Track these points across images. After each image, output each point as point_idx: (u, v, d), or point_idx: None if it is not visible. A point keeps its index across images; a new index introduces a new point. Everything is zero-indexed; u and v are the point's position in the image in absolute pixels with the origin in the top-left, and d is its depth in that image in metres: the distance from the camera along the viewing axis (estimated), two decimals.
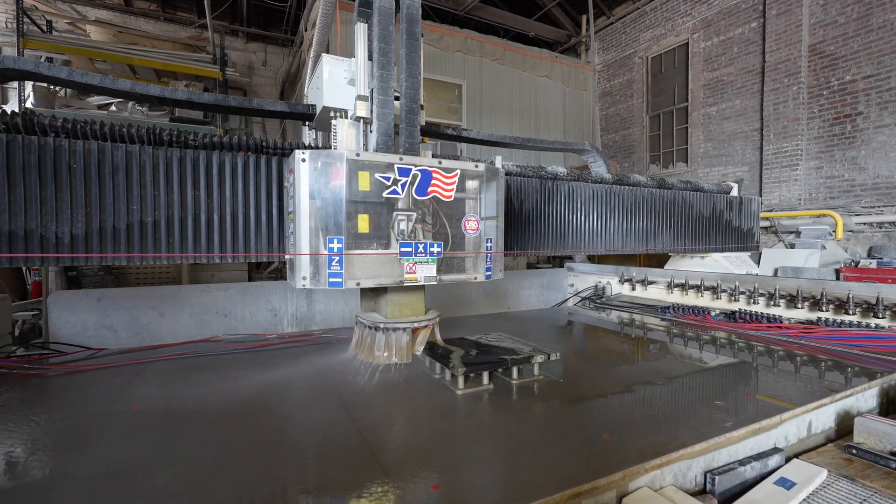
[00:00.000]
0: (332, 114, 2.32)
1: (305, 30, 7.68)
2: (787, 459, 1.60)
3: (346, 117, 2.30)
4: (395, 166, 1.89)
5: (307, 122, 2.73)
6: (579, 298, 4.73)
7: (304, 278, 1.86)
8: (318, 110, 2.44)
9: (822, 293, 3.00)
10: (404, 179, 1.90)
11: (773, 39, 6.83)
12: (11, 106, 8.02)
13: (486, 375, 2.03)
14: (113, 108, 7.85)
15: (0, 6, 7.85)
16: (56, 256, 1.78)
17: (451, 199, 2.02)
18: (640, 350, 2.86)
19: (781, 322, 3.10)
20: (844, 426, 1.83)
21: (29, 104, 6.89)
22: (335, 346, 2.69)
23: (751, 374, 2.32)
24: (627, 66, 9.73)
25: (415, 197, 1.95)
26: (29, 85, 7.24)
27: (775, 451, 1.61)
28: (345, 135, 2.25)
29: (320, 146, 2.58)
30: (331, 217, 1.84)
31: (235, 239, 2.13)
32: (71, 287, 4.89)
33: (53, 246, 1.78)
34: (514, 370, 2.09)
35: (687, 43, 8.41)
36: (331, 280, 1.83)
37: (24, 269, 5.74)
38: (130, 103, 7.71)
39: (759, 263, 5.25)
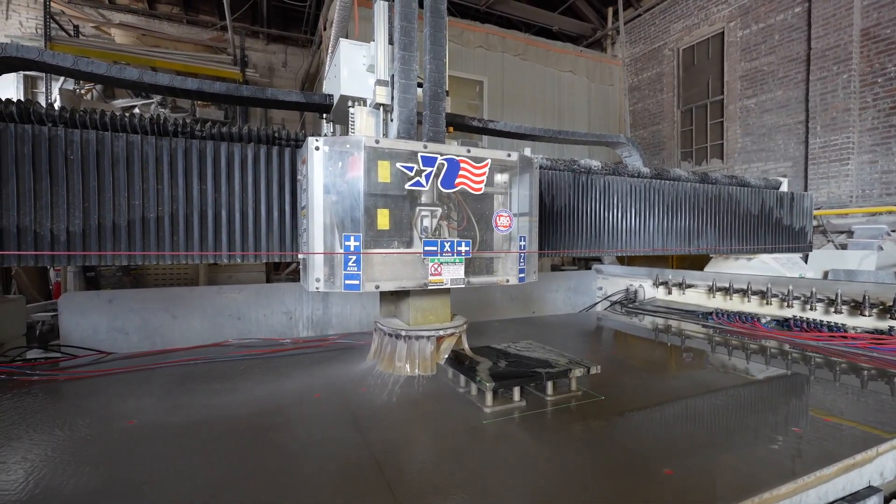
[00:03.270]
0: (349, 103, 2.15)
1: (325, 29, 7.59)
2: (886, 501, 1.35)
3: (365, 106, 2.13)
4: (419, 155, 1.69)
5: (325, 115, 2.58)
6: (609, 303, 4.45)
7: (318, 280, 1.68)
8: (336, 100, 2.27)
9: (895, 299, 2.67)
10: (429, 170, 1.70)
11: (821, 24, 6.35)
12: None
13: (516, 391, 1.81)
14: (136, 110, 7.94)
15: (30, 12, 8.04)
16: (51, 255, 1.64)
17: (481, 192, 1.81)
18: (686, 361, 2.58)
19: (846, 331, 2.77)
20: None
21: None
22: (352, 354, 2.52)
23: (822, 391, 2.03)
24: (657, 58, 9.31)
25: (440, 189, 1.74)
26: (56, 88, 7.37)
27: (871, 490, 1.36)
28: (363, 123, 2.07)
29: None
30: (347, 212, 1.65)
31: (245, 237, 1.97)
32: (90, 288, 4.88)
33: (48, 244, 1.65)
34: (549, 385, 1.87)
35: (722, 32, 7.96)
36: (347, 282, 1.65)
37: (49, 269, 5.80)
38: (153, 105, 7.79)
39: None
